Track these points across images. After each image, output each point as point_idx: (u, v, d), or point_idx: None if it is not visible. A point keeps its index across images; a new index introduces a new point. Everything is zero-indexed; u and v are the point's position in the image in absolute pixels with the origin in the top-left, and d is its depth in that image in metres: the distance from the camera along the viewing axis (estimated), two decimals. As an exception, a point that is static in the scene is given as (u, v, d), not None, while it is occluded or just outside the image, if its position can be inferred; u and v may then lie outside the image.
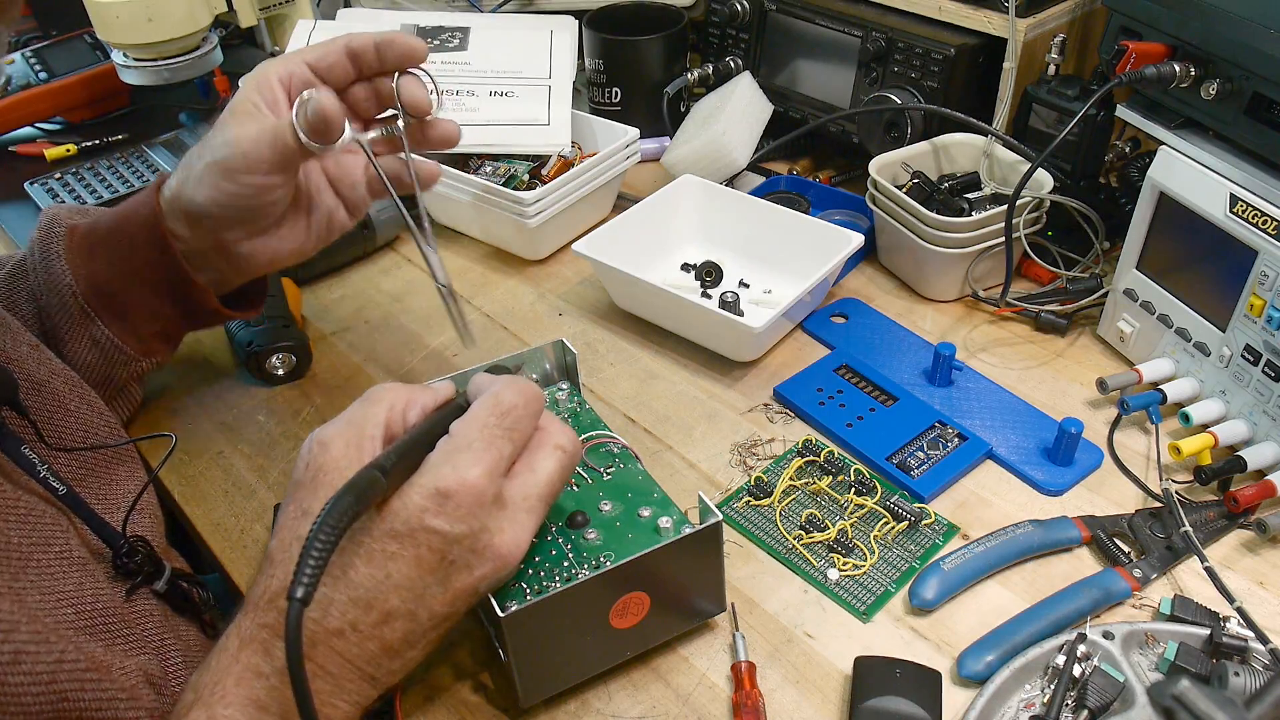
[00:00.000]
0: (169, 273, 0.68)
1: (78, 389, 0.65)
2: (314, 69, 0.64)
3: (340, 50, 0.65)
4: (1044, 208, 0.84)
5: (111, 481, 0.61)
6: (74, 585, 0.51)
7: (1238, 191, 0.65)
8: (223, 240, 0.67)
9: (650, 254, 0.89)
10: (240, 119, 0.62)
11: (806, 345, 0.84)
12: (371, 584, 0.47)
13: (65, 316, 0.69)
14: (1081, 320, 0.83)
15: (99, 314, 0.69)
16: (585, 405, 0.69)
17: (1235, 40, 0.68)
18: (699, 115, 1.03)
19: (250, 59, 1.31)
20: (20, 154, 1.16)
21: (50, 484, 0.53)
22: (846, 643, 0.60)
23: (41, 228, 0.71)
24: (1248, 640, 0.56)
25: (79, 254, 0.69)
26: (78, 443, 0.61)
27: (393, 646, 0.49)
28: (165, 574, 0.57)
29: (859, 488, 0.68)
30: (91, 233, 0.70)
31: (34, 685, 0.44)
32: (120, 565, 0.56)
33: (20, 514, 0.50)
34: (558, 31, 1.07)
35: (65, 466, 0.57)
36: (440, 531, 0.47)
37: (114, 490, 0.61)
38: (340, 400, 0.79)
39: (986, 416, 0.74)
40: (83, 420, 0.62)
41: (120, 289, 0.69)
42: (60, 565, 0.51)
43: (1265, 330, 0.65)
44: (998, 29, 0.87)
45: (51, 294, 0.69)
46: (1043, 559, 0.64)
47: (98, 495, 0.59)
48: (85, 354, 0.70)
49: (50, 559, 0.51)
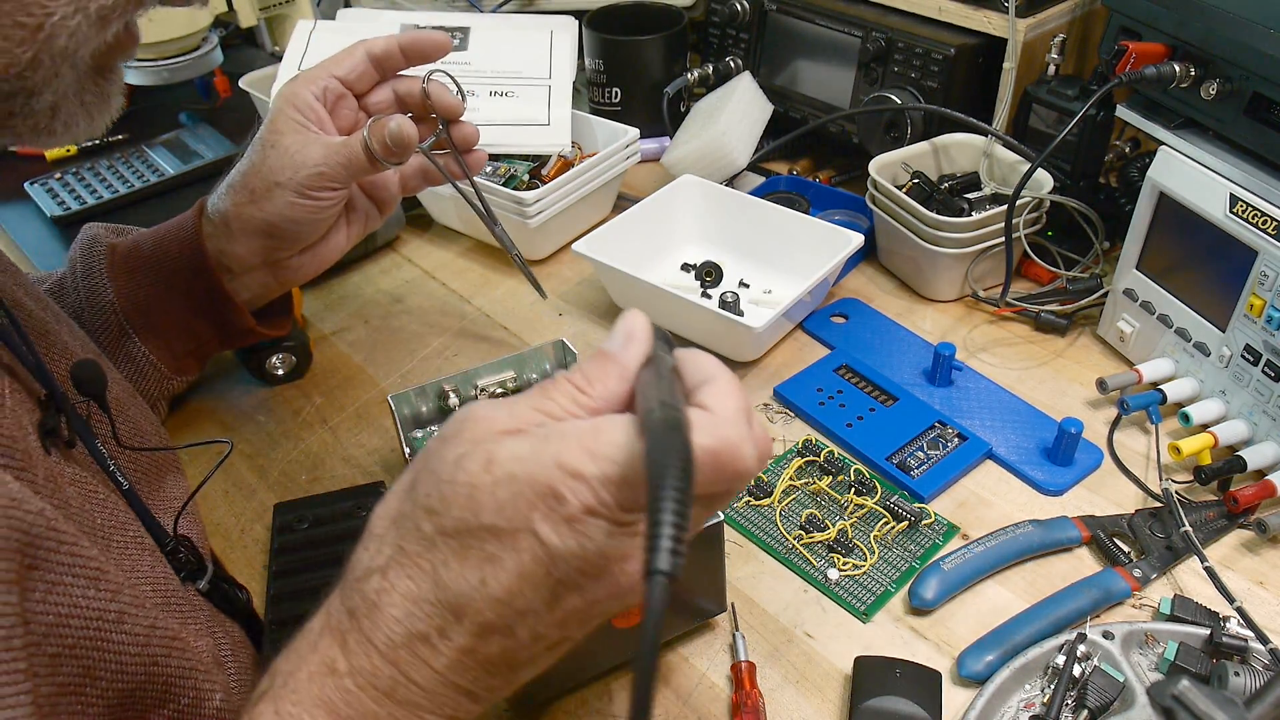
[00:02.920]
0: (208, 293, 0.72)
1: (134, 395, 0.67)
2: (343, 81, 0.68)
3: (362, 57, 0.68)
4: (1044, 208, 0.84)
5: (161, 485, 0.62)
6: (148, 567, 0.52)
7: (1238, 191, 0.66)
8: (278, 256, 0.71)
9: (650, 254, 0.89)
10: (297, 140, 0.66)
11: (806, 345, 0.84)
12: (464, 588, 0.38)
13: (105, 334, 0.71)
14: (1081, 320, 0.83)
15: (137, 332, 0.72)
16: (585, 405, 0.68)
17: (1235, 40, 0.68)
18: (699, 115, 1.03)
19: (250, 59, 1.31)
20: (20, 154, 1.16)
21: (117, 478, 0.53)
22: (846, 643, 0.60)
23: (82, 246, 0.73)
24: (1248, 640, 0.56)
25: (120, 272, 0.72)
26: (139, 444, 0.61)
27: (490, 661, 0.40)
28: (208, 574, 0.57)
29: (859, 488, 0.68)
30: (133, 253, 0.72)
31: (133, 646, 0.43)
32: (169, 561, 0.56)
33: (99, 500, 0.50)
34: (558, 31, 1.07)
35: (127, 466, 0.58)
36: (546, 542, 0.37)
37: (163, 494, 0.61)
38: (340, 400, 0.79)
39: (986, 416, 0.74)
40: (139, 425, 0.63)
41: (159, 308, 0.72)
42: (136, 548, 0.51)
43: (1265, 330, 0.65)
44: (998, 29, 0.87)
45: (93, 311, 0.71)
46: (1043, 559, 0.64)
47: (149, 496, 0.59)
48: (121, 370, 0.72)
49: (127, 541, 0.51)
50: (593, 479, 0.37)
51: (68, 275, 0.73)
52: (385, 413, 0.76)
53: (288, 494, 0.71)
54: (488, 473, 0.38)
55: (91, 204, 1.04)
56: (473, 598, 0.38)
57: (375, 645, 0.39)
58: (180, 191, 1.08)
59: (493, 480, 0.38)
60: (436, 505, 0.39)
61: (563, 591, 0.39)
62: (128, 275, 0.72)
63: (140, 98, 1.22)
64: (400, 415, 0.69)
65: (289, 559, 0.64)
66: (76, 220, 1.03)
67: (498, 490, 0.38)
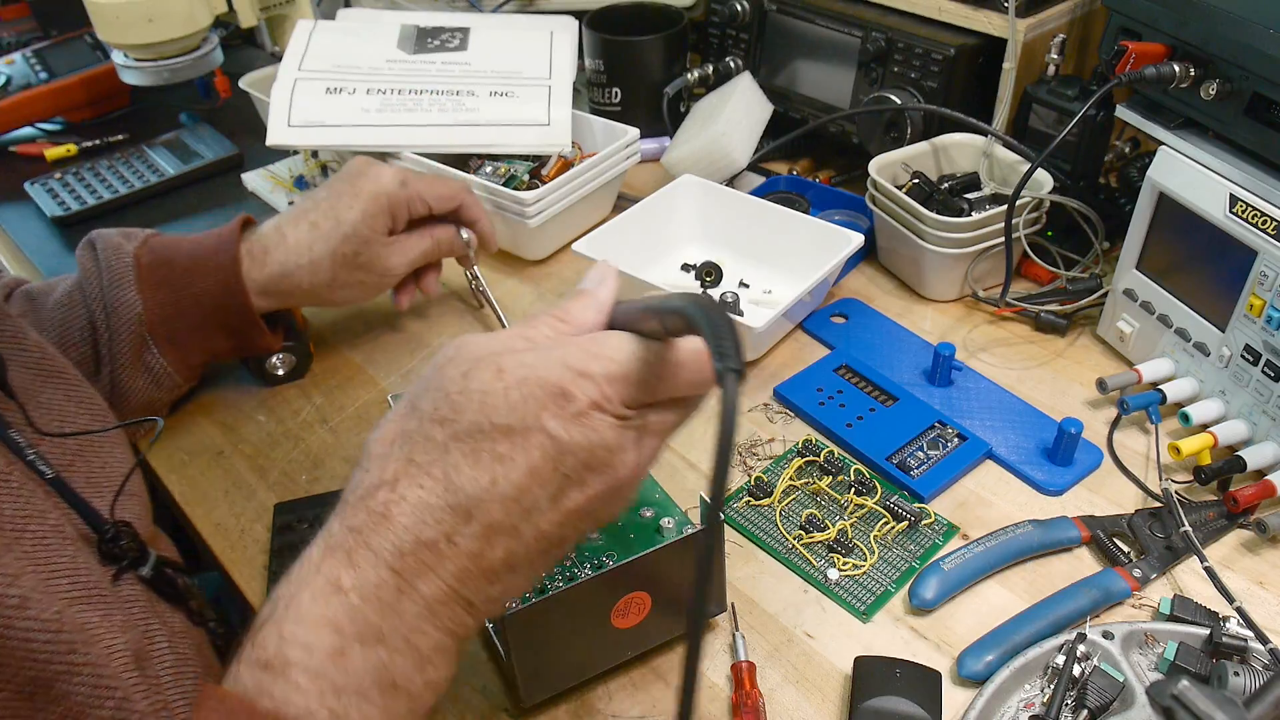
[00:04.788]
0: (236, 316, 0.74)
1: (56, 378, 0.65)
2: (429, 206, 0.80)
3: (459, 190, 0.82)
4: (1044, 208, 0.84)
5: (101, 467, 0.61)
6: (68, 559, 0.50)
7: (1237, 191, 0.66)
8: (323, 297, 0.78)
9: (650, 254, 0.89)
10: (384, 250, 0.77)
11: (806, 345, 0.84)
12: (475, 490, 0.41)
13: (125, 344, 0.72)
14: (1081, 320, 0.83)
15: (158, 343, 0.73)
16: (585, 405, 0.69)
17: (1235, 40, 0.68)
18: (699, 115, 1.03)
19: (250, 59, 1.31)
20: (20, 154, 1.16)
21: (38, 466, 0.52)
22: (846, 643, 0.60)
23: (104, 254, 0.73)
24: (1247, 640, 0.56)
25: (148, 285, 0.72)
26: (64, 428, 0.61)
27: (492, 568, 0.43)
28: (150, 560, 0.56)
29: (859, 488, 0.68)
30: (162, 266, 0.73)
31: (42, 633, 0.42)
32: (106, 550, 0.54)
33: (12, 488, 0.49)
34: (558, 31, 1.07)
35: (53, 452, 0.57)
36: (555, 437, 0.41)
37: (105, 475, 0.60)
38: (340, 400, 0.80)
39: (986, 416, 0.74)
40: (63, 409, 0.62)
41: (182, 323, 0.73)
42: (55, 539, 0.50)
43: (1265, 330, 0.65)
44: (998, 29, 0.87)
45: (118, 321, 0.72)
46: (1042, 559, 0.64)
47: (87, 480, 0.58)
48: (137, 379, 0.73)
49: (45, 531, 0.50)
50: (598, 376, 0.41)
51: (87, 283, 0.73)
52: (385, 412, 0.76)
53: (288, 494, 0.71)
54: (499, 379, 0.41)
55: (91, 204, 1.04)
56: (482, 498, 0.41)
57: (382, 557, 0.41)
58: (180, 191, 1.08)
59: (504, 385, 0.41)
60: (448, 413, 0.42)
61: (567, 486, 0.42)
62: (155, 289, 0.72)
63: (140, 98, 1.22)
64: (400, 415, 0.69)
65: (289, 559, 0.63)
66: (76, 220, 1.03)
67: (510, 393, 0.41)
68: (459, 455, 0.42)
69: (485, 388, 0.41)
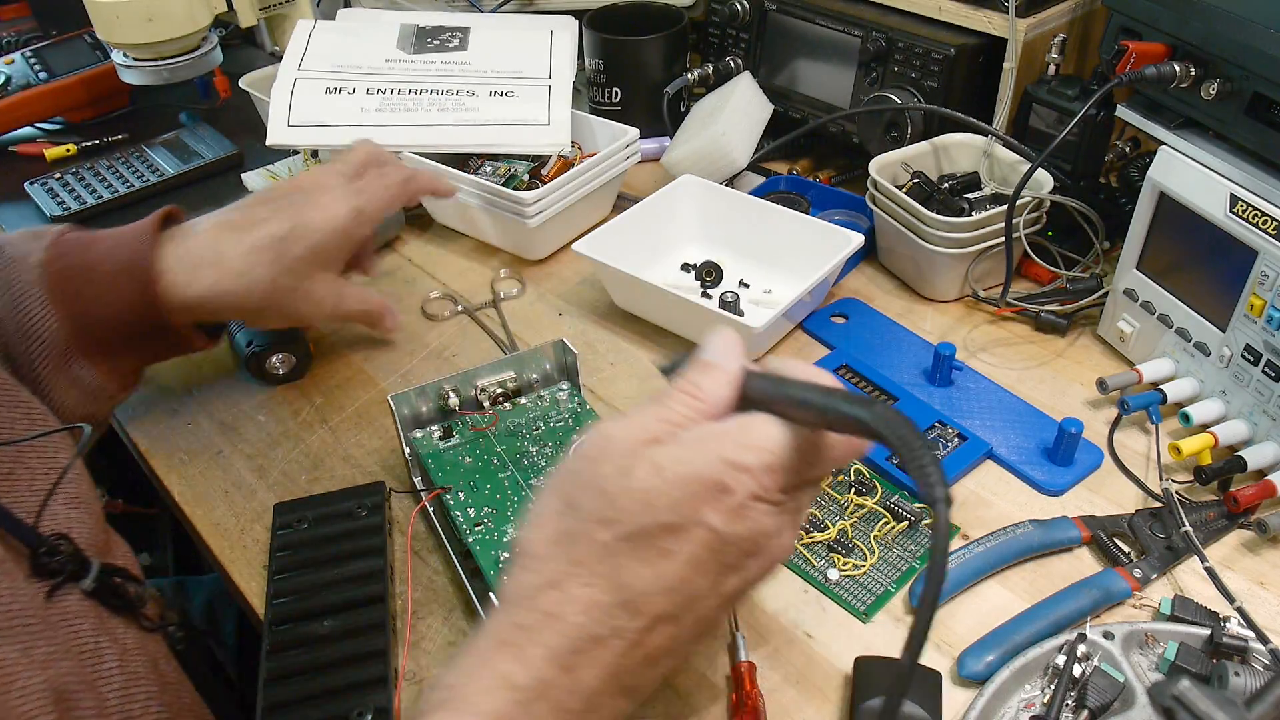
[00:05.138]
0: (160, 329, 0.69)
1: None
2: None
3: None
4: (1044, 208, 0.84)
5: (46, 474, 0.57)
6: None
7: (1238, 191, 0.65)
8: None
9: (650, 254, 0.89)
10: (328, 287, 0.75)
11: (806, 345, 0.84)
12: (641, 585, 0.42)
13: (45, 361, 0.66)
14: (1081, 320, 0.83)
15: (83, 355, 0.67)
16: (586, 405, 0.69)
17: (1235, 40, 0.68)
18: (699, 115, 1.03)
19: (250, 59, 1.31)
20: (20, 154, 1.16)
21: None
22: (846, 643, 0.60)
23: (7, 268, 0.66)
24: (1248, 640, 0.56)
25: (59, 296, 0.66)
26: None
27: (653, 655, 0.44)
28: (93, 571, 0.53)
29: (859, 488, 0.68)
30: (75, 276, 0.67)
31: None
32: (40, 565, 0.52)
33: None
34: (558, 31, 1.07)
35: None
36: (717, 531, 0.42)
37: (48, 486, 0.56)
38: (340, 400, 0.79)
39: (986, 416, 0.74)
40: None
41: (104, 332, 0.67)
42: None
43: (1265, 330, 0.65)
44: (998, 29, 0.87)
45: (30, 340, 0.66)
46: (1043, 559, 0.64)
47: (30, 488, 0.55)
48: (67, 395, 0.68)
49: None
50: (755, 468, 0.42)
51: None
52: (385, 413, 0.76)
53: (288, 494, 0.71)
54: (659, 477, 0.42)
55: (91, 204, 1.04)
56: (648, 591, 0.42)
57: (554, 654, 0.42)
58: (180, 191, 1.08)
59: (664, 483, 0.42)
60: (611, 515, 0.42)
61: (726, 573, 0.43)
62: (72, 299, 0.66)
63: (140, 98, 1.22)
64: (400, 415, 0.69)
65: (289, 559, 0.64)
66: (77, 220, 1.03)
67: (672, 491, 0.42)
68: (625, 555, 0.42)
69: (646, 486, 0.42)
